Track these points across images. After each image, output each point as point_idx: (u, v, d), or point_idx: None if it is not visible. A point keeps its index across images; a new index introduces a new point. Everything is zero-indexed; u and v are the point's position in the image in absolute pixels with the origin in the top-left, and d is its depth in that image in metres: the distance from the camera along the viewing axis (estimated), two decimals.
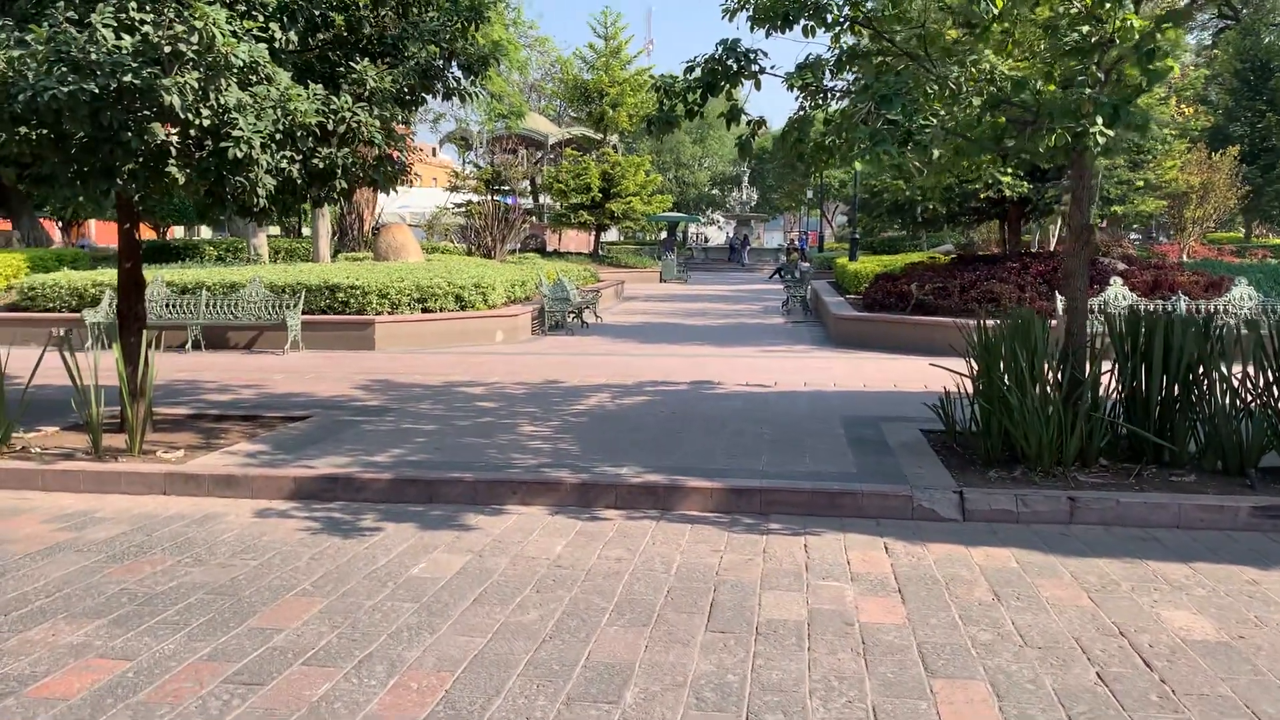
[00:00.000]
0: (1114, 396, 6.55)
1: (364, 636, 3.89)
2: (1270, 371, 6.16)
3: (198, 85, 5.69)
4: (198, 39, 5.59)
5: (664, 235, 47.54)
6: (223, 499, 6.08)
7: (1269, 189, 36.29)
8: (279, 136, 6.24)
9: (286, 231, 34.32)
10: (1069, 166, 6.92)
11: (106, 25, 5.52)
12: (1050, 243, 26.54)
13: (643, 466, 6.39)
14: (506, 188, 38.61)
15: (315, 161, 6.66)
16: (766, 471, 6.30)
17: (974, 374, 6.66)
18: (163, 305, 14.06)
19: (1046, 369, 6.32)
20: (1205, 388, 6.27)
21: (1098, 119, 5.22)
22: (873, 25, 6.56)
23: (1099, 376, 6.34)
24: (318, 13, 6.93)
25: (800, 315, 20.65)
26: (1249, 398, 6.23)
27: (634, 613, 4.15)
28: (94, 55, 5.42)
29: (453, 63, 7.54)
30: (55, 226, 38.24)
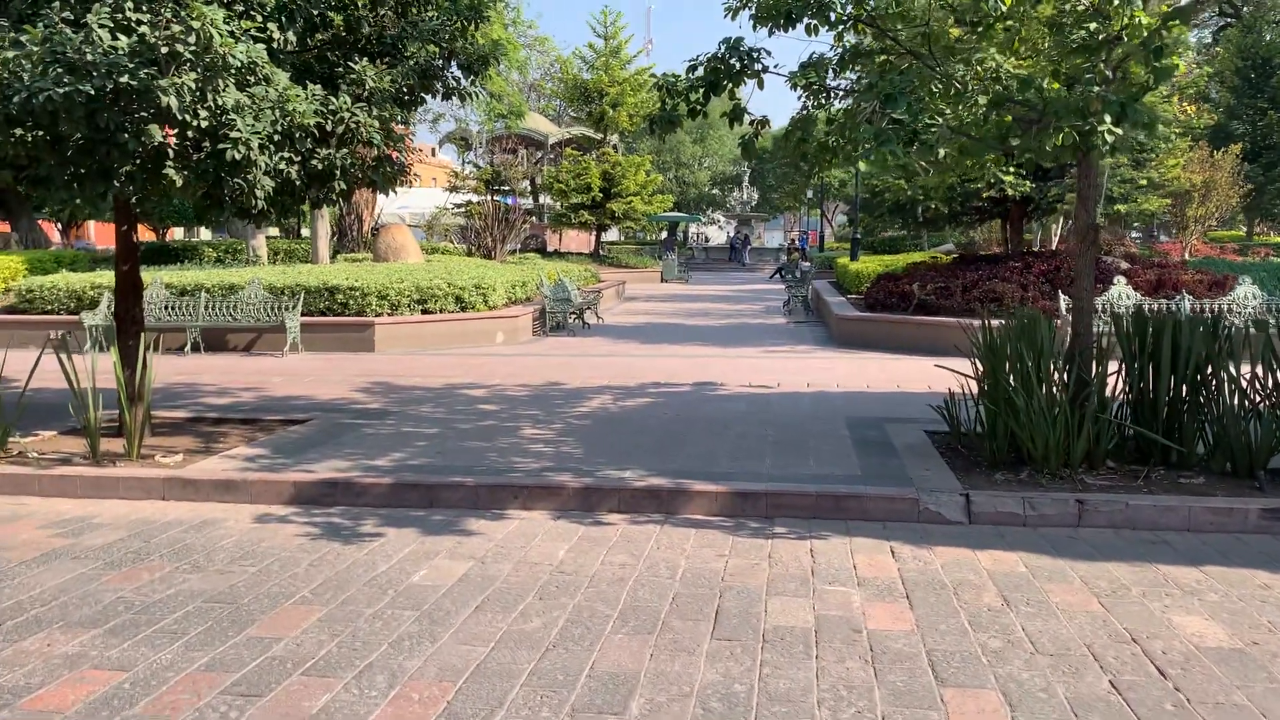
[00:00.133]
0: (1120, 397, 6.49)
1: (364, 646, 3.83)
2: (1279, 372, 6.10)
3: (195, 86, 5.62)
4: (195, 39, 5.53)
5: (664, 235, 47.48)
6: (221, 504, 6.02)
7: (1270, 187, 36.20)
8: (277, 138, 6.18)
9: (286, 233, 34.26)
10: (1073, 166, 6.86)
11: (103, 26, 5.46)
12: (1052, 242, 26.46)
13: (646, 470, 6.33)
14: (506, 188, 38.55)
15: (314, 163, 6.60)
16: (771, 474, 6.24)
17: (979, 375, 6.60)
18: (161, 307, 14.00)
19: (1052, 370, 6.27)
20: (1213, 388, 6.21)
21: (1106, 117, 5.15)
22: (876, 24, 6.50)
23: (1105, 377, 6.28)
24: (316, 12, 6.87)
25: (802, 315, 20.58)
26: (1258, 398, 6.16)
27: (639, 620, 4.09)
28: (90, 56, 5.36)
29: (452, 62, 7.48)
30: (54, 228, 38.20)
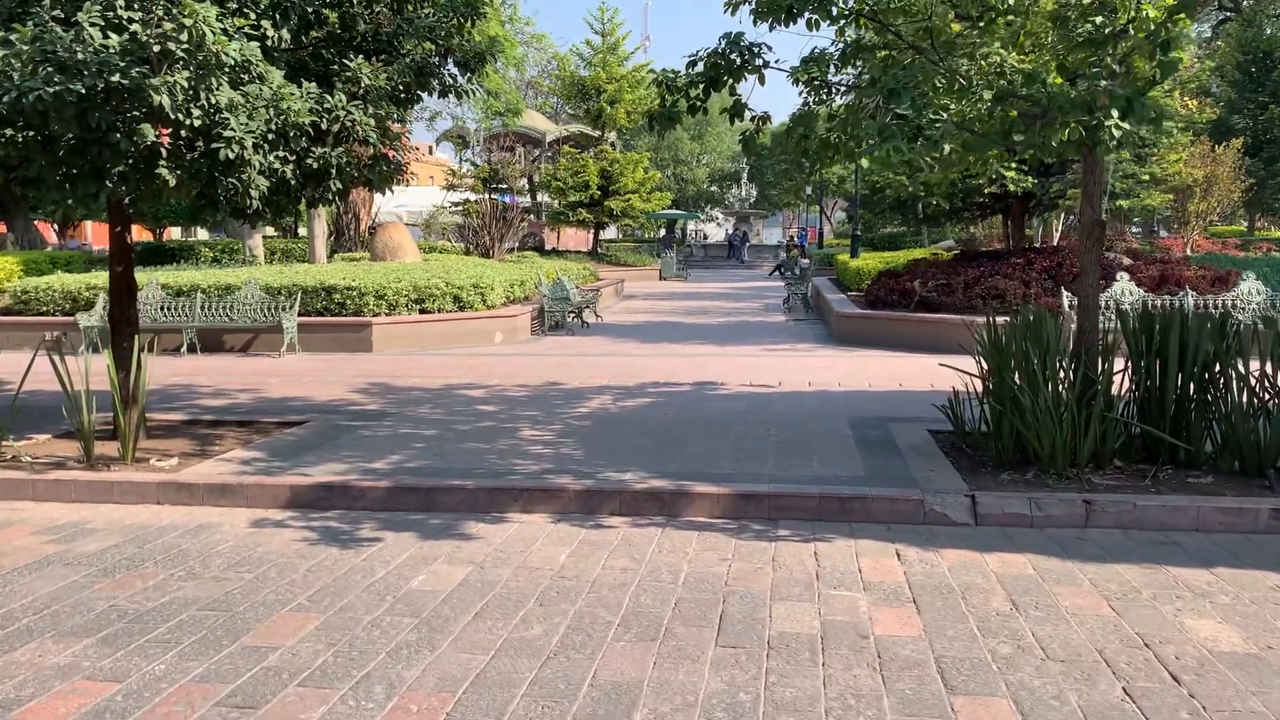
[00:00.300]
0: (1127, 395, 6.41)
1: (361, 655, 3.75)
2: None
3: (188, 85, 5.54)
4: (187, 37, 5.45)
5: (663, 233, 47.42)
6: (217, 508, 5.94)
7: (1271, 182, 36.14)
8: (271, 136, 6.10)
9: (283, 232, 34.20)
10: (1076, 161, 6.78)
11: (93, 24, 5.38)
12: (1054, 238, 26.38)
13: (647, 471, 6.25)
14: (504, 186, 38.47)
15: (309, 162, 6.52)
16: (773, 475, 6.16)
17: (983, 373, 6.53)
18: (157, 308, 13.92)
19: (1058, 368, 6.19)
20: (1221, 386, 6.13)
21: (1113, 112, 5.07)
22: (878, 18, 6.42)
23: (1111, 375, 6.20)
24: (311, 10, 6.79)
25: (802, 313, 20.50)
26: (1266, 396, 6.09)
27: (641, 626, 4.01)
28: (81, 55, 5.28)
29: (448, 59, 7.40)
30: (51, 229, 38.09)
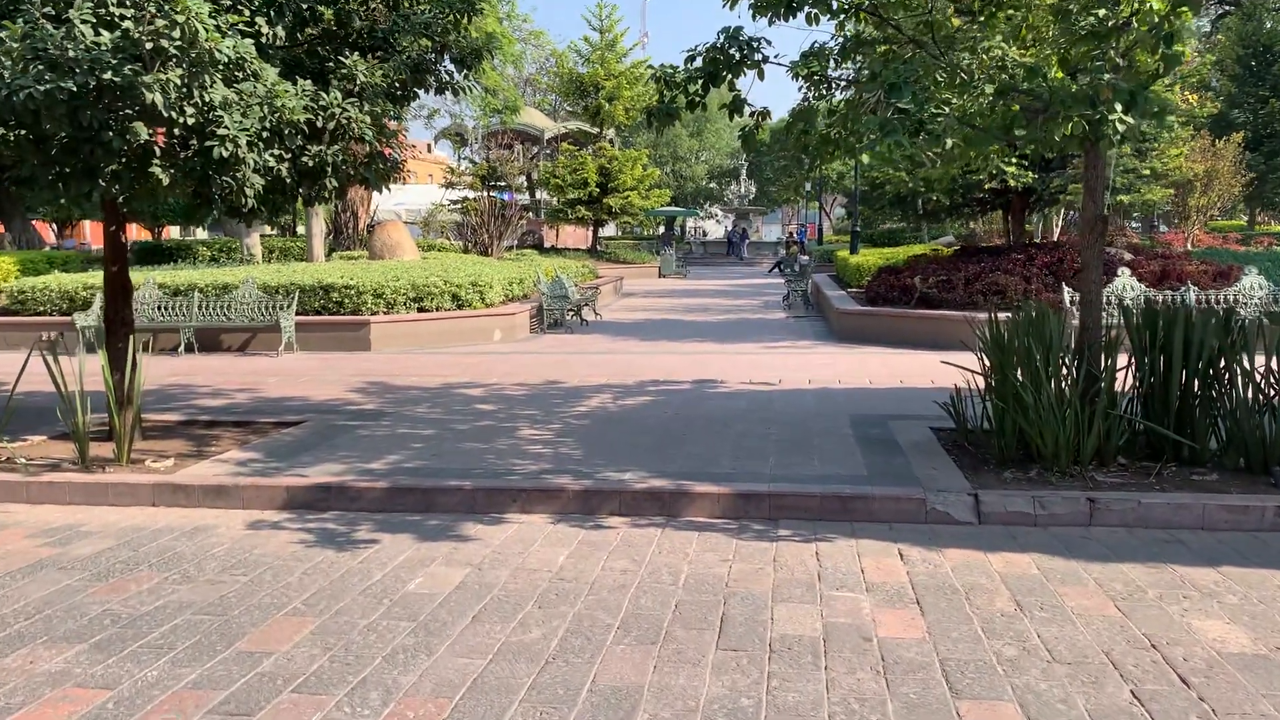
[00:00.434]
0: (1130, 392, 6.35)
1: (357, 660, 3.69)
2: None
3: (181, 82, 5.48)
4: (180, 34, 5.38)
5: (662, 230, 47.31)
6: (213, 510, 5.88)
7: (1272, 176, 36.05)
8: (266, 134, 6.04)
9: (282, 230, 34.12)
10: (1077, 156, 6.71)
11: (85, 21, 5.31)
12: (1054, 233, 26.29)
13: (647, 471, 6.20)
14: (503, 183, 38.38)
15: (305, 160, 6.45)
16: (774, 474, 6.11)
17: (985, 370, 6.47)
18: (154, 308, 13.86)
19: (1061, 364, 6.13)
20: (1226, 382, 6.07)
21: (1116, 105, 5.01)
22: (878, 12, 6.35)
23: (1115, 371, 6.15)
24: (305, 6, 6.72)
25: (802, 309, 20.44)
26: (1272, 392, 6.03)
27: (641, 629, 3.96)
28: (72, 52, 5.22)
29: (445, 56, 7.33)
30: (50, 229, 38.03)
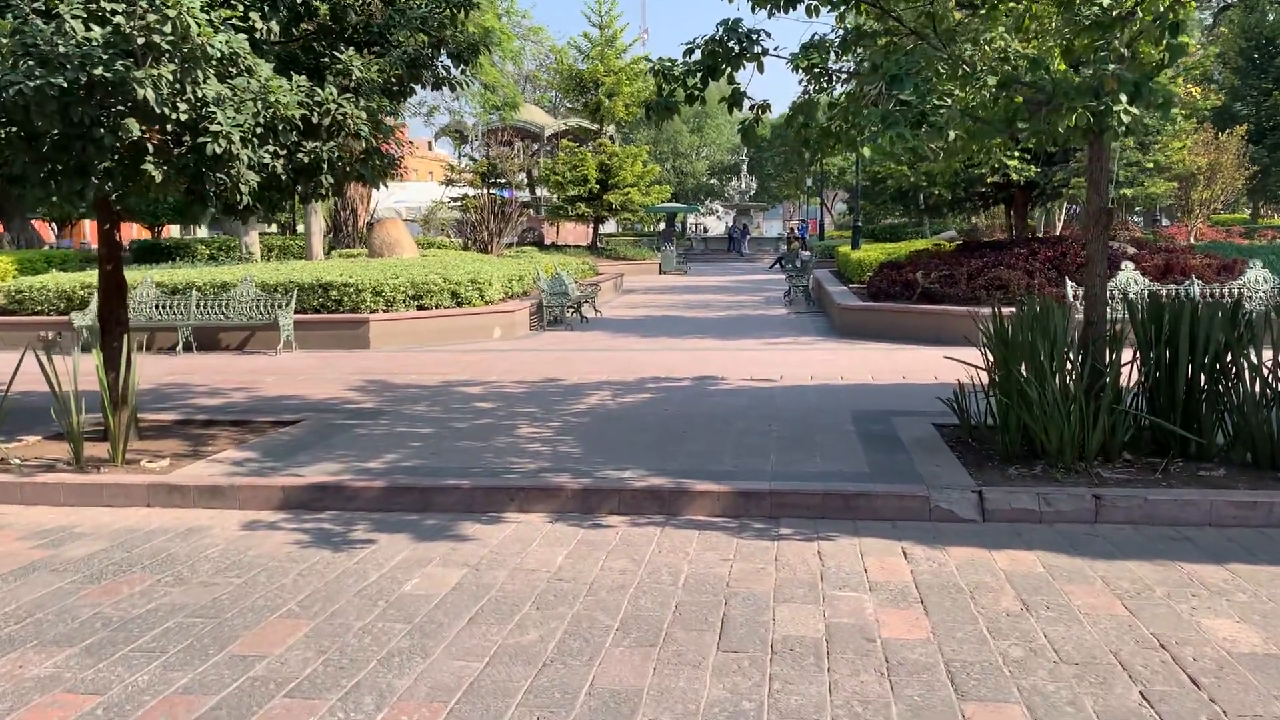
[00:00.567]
0: (1135, 387, 6.28)
1: (352, 663, 3.63)
2: None
3: (173, 78, 5.42)
4: (172, 29, 5.32)
5: (663, 226, 47.22)
6: (208, 510, 5.82)
7: (1275, 169, 35.90)
8: (260, 130, 5.96)
9: (282, 228, 34.03)
10: (1079, 149, 6.63)
11: (75, 16, 5.25)
12: (1056, 227, 26.21)
13: (646, 469, 6.13)
14: (503, 181, 38.27)
15: (300, 156, 6.38)
16: (775, 472, 6.04)
17: (989, 365, 6.40)
18: (152, 306, 13.79)
19: (1065, 359, 6.05)
20: (1233, 376, 6.00)
21: (1121, 96, 4.93)
22: (878, 4, 6.27)
23: (1120, 366, 6.07)
24: (300, 1, 6.65)
25: (803, 305, 20.36)
26: (1279, 386, 5.96)
27: (640, 631, 3.89)
28: (62, 48, 5.16)
29: (441, 51, 7.27)
30: (49, 228, 37.97)
